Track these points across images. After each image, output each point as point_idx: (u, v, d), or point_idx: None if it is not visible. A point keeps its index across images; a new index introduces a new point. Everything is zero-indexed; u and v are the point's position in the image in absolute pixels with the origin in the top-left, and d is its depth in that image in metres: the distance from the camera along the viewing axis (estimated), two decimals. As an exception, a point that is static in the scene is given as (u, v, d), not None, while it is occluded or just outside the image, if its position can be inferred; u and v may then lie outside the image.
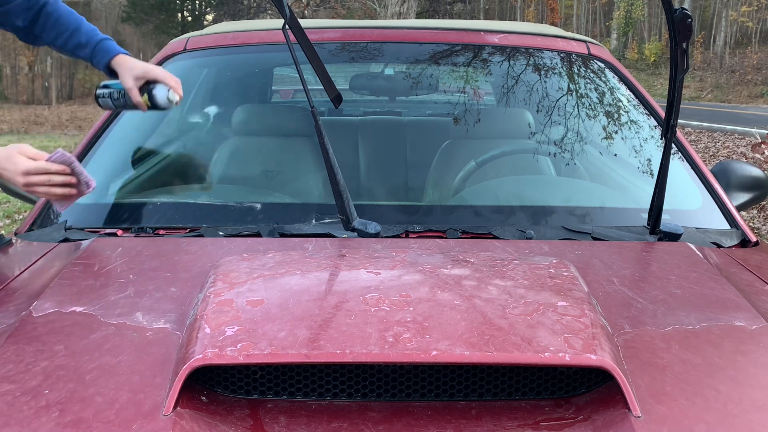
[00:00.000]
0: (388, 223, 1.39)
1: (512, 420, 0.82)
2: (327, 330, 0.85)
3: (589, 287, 1.04)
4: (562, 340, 0.84)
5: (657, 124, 1.77)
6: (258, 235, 1.34)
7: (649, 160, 1.71)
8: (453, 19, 17.32)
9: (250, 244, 1.27)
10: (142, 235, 1.37)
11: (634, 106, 1.85)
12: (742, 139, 11.64)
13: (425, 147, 1.91)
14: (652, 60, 34.01)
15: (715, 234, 1.44)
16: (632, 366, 0.88)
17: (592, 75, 1.98)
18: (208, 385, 0.86)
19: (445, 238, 1.35)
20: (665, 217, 1.39)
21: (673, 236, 1.37)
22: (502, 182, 1.70)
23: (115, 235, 1.37)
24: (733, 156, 9.53)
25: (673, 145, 1.63)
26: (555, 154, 1.79)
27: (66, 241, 1.35)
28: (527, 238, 1.35)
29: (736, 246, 1.42)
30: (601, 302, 1.03)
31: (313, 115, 1.30)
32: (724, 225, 1.50)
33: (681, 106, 1.37)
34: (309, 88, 1.34)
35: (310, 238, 1.29)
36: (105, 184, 1.62)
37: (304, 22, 1.88)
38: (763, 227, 5.40)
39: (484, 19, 33.97)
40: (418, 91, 2.17)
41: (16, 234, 1.45)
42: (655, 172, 1.39)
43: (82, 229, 1.40)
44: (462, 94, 2.00)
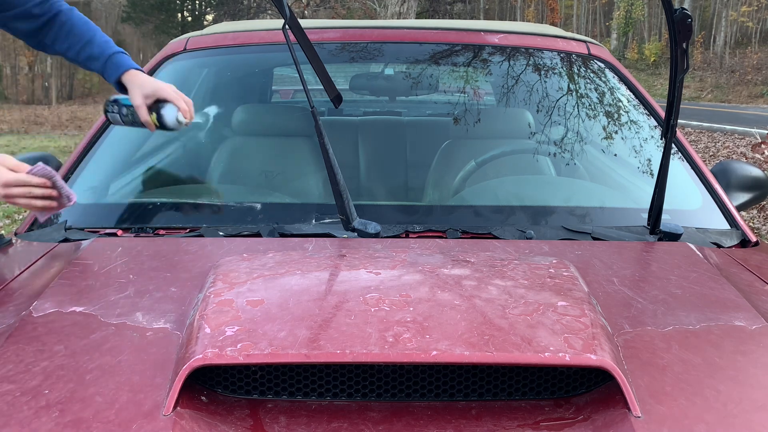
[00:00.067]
0: (388, 223, 1.39)
1: (512, 420, 0.82)
2: (327, 330, 0.85)
3: (589, 287, 1.04)
4: (562, 340, 0.84)
5: (657, 124, 1.78)
6: (258, 235, 1.34)
7: (649, 160, 1.71)
8: (453, 19, 17.32)
9: (250, 244, 1.27)
10: (142, 235, 1.37)
11: (634, 106, 1.85)
12: (742, 139, 11.64)
13: (425, 147, 1.91)
14: (652, 60, 34.01)
15: (715, 234, 1.44)
16: (632, 366, 0.88)
17: (592, 75, 1.98)
18: (208, 385, 0.86)
19: (445, 238, 1.35)
20: (665, 217, 1.39)
21: (673, 236, 1.37)
22: (502, 182, 1.70)
23: (115, 235, 1.37)
24: (733, 156, 9.53)
25: (673, 145, 1.63)
26: (555, 154, 1.79)
27: (66, 241, 1.35)
28: (527, 238, 1.35)
29: (736, 246, 1.42)
30: (601, 302, 1.03)
31: (313, 115, 1.30)
32: (724, 225, 1.50)
33: (681, 106, 1.37)
34: (309, 88, 1.34)
35: (310, 238, 1.29)
36: (105, 184, 1.62)
37: (304, 22, 1.88)
38: (763, 227, 5.40)
39: (484, 19, 33.96)
40: (418, 91, 2.17)
41: (16, 234, 1.45)
42: (655, 172, 1.39)
43: (82, 229, 1.40)
44: (462, 94, 2.00)
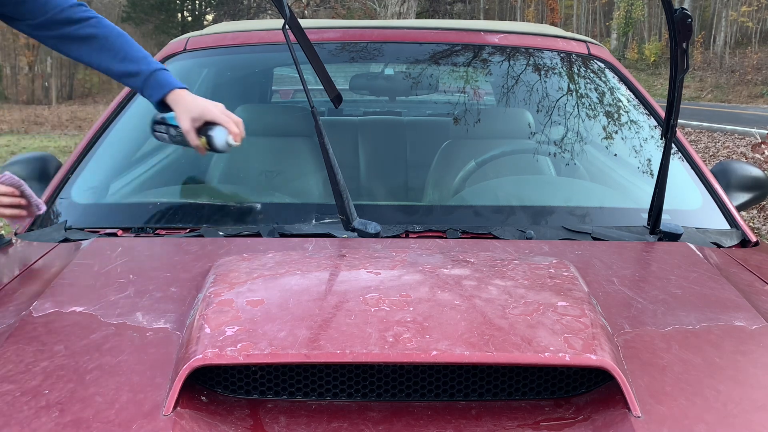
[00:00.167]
0: (388, 223, 1.38)
1: (512, 420, 0.82)
2: (327, 330, 0.85)
3: (589, 287, 1.04)
4: (562, 340, 0.84)
5: (657, 124, 1.77)
6: (258, 235, 1.34)
7: (649, 160, 1.71)
8: (453, 19, 17.32)
9: (250, 244, 1.27)
10: (142, 235, 1.37)
11: (634, 106, 1.85)
12: (742, 139, 11.64)
13: (425, 147, 1.91)
14: (652, 60, 34.01)
15: (715, 234, 1.44)
16: (632, 366, 0.88)
17: (592, 75, 1.98)
18: (208, 385, 0.86)
19: (445, 238, 1.35)
20: (665, 217, 1.39)
21: (673, 236, 1.37)
22: (502, 182, 1.70)
23: (115, 235, 1.37)
24: (733, 156, 9.53)
25: (673, 145, 1.63)
26: (555, 154, 1.79)
27: (66, 241, 1.35)
28: (527, 238, 1.35)
29: (736, 246, 1.42)
30: (601, 302, 1.03)
31: (313, 115, 1.30)
32: (724, 225, 1.50)
33: (681, 106, 1.37)
34: (309, 88, 1.34)
35: (310, 238, 1.29)
36: (105, 184, 1.62)
37: (304, 22, 1.88)
38: (763, 227, 5.40)
39: (484, 19, 33.96)
40: (418, 91, 2.17)
41: (16, 234, 1.45)
42: (655, 172, 1.39)
43: (82, 229, 1.40)
44: (462, 94, 2.00)
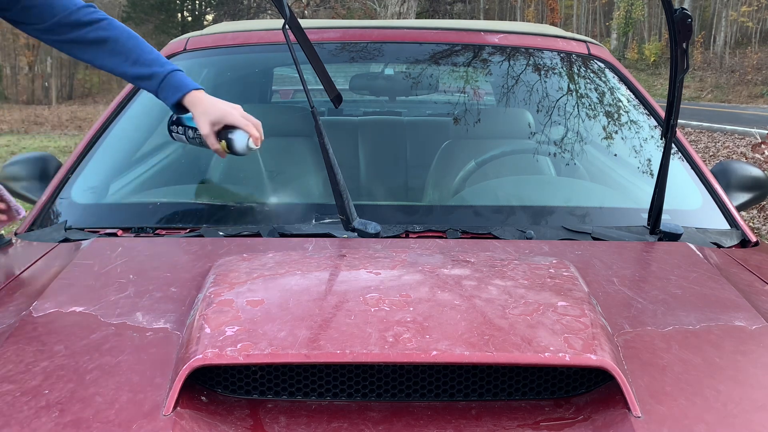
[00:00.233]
0: (388, 223, 1.38)
1: (512, 420, 0.82)
2: (327, 330, 0.85)
3: (589, 287, 1.04)
4: (562, 340, 0.84)
5: (657, 124, 1.77)
6: (258, 235, 1.34)
7: (649, 160, 1.71)
8: (453, 19, 17.32)
9: (250, 244, 1.27)
10: (142, 235, 1.37)
11: (634, 106, 1.85)
12: (742, 139, 11.64)
13: (425, 147, 1.91)
14: (652, 60, 34.02)
15: (715, 234, 1.44)
16: (632, 366, 0.88)
17: (592, 75, 1.98)
18: (208, 385, 0.86)
19: (445, 238, 1.35)
20: (665, 217, 1.39)
21: (673, 236, 1.37)
22: (502, 182, 1.69)
23: (115, 235, 1.37)
24: (733, 156, 9.53)
25: (673, 145, 1.63)
26: (555, 154, 1.79)
27: (66, 241, 1.35)
28: (527, 238, 1.35)
29: (736, 246, 1.42)
30: (601, 302, 1.03)
31: (313, 115, 1.30)
32: (724, 225, 1.50)
33: (681, 106, 1.37)
34: (309, 88, 1.34)
35: (310, 238, 1.29)
36: (105, 184, 1.62)
37: (304, 22, 1.88)
38: (763, 227, 5.40)
39: (484, 19, 33.96)
40: (418, 91, 2.16)
41: (16, 234, 1.45)
42: (655, 172, 1.39)
43: (82, 229, 1.40)
44: (462, 94, 2.00)
